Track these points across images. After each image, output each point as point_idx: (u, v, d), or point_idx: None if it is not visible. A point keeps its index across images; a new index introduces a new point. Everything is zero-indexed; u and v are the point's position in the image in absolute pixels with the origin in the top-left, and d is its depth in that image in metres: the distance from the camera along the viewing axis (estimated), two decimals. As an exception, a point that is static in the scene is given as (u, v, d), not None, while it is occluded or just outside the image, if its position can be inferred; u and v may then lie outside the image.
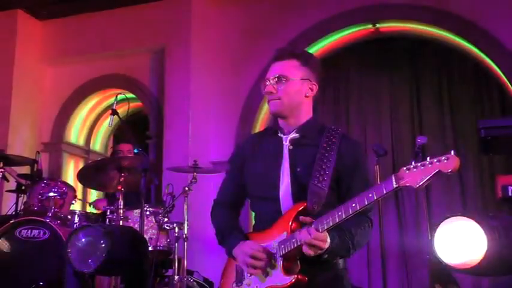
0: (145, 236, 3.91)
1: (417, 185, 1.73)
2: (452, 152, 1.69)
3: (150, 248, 4.08)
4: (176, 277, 4.31)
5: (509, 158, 5.48)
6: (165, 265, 4.70)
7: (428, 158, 1.72)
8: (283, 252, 1.98)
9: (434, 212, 5.49)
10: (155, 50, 6.43)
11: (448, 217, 2.49)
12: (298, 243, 1.92)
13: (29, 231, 4.04)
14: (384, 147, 3.97)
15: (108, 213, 4.18)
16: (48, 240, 3.98)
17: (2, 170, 4.62)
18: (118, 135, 7.13)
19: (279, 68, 2.17)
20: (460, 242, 2.39)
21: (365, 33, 5.99)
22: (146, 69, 6.54)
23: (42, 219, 4.05)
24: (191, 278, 4.49)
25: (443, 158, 1.69)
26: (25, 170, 4.84)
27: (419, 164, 1.73)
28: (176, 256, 4.37)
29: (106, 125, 6.62)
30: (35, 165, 4.76)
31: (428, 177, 1.71)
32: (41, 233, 4.02)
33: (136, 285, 3.35)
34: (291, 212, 2.04)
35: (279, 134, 2.22)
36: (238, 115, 6.03)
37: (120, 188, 4.09)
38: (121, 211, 4.05)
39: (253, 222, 2.25)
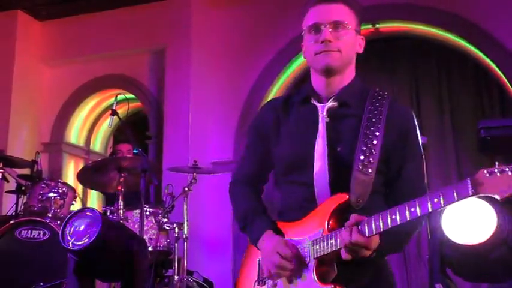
0: (145, 236, 3.91)
1: (501, 196, 1.35)
2: None
3: (150, 249, 4.08)
4: (176, 277, 4.31)
5: (509, 159, 5.47)
6: (165, 265, 4.70)
7: None
8: (318, 255, 1.63)
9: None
10: (155, 50, 6.42)
11: None
12: (338, 247, 1.57)
13: (29, 231, 4.05)
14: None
15: (108, 213, 4.18)
16: (48, 240, 3.99)
17: (2, 170, 4.62)
18: (118, 135, 7.13)
19: (333, 11, 1.74)
20: (470, 220, 2.36)
21: (365, 33, 5.90)
22: (146, 69, 6.54)
23: (42, 220, 4.06)
24: (191, 278, 4.49)
25: None
26: (25, 170, 4.84)
27: (507, 169, 1.36)
28: (176, 256, 4.37)
29: (106, 125, 6.61)
30: (35, 165, 4.76)
31: None
32: (41, 233, 4.03)
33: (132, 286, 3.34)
34: (329, 204, 1.66)
35: (313, 102, 1.80)
36: (239, 115, 6.02)
37: (119, 188, 4.10)
38: (121, 211, 4.06)
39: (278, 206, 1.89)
